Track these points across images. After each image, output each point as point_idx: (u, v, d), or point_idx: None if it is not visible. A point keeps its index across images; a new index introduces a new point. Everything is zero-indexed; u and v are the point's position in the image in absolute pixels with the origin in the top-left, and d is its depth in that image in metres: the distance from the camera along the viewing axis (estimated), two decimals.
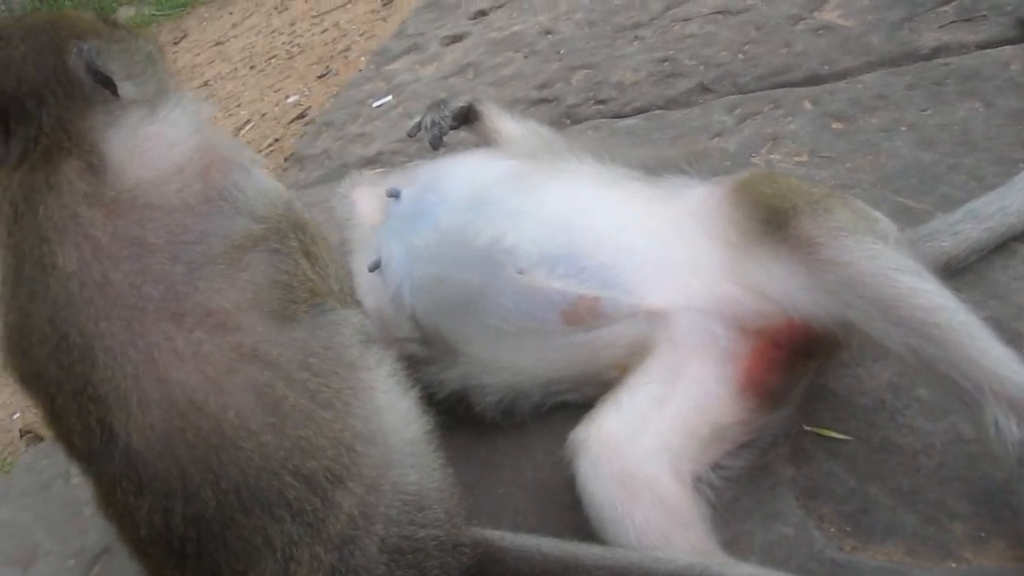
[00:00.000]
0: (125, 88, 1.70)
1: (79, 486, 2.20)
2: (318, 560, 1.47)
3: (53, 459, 2.41)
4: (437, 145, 2.28)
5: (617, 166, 1.94)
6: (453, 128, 2.34)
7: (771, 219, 1.60)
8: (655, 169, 1.91)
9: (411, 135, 2.38)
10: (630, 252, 1.73)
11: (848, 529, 1.48)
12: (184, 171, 1.60)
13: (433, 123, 2.29)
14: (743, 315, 1.61)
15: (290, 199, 1.77)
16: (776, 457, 1.63)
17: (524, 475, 1.78)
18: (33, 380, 1.52)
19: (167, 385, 1.43)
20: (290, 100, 5.46)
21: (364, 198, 2.27)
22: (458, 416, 1.84)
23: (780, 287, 1.57)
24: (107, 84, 1.66)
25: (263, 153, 4.02)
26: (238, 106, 5.82)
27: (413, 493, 1.56)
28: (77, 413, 1.48)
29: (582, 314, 1.70)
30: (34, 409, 1.60)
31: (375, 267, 2.04)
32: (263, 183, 1.71)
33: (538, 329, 1.74)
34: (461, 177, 2.00)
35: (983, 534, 1.40)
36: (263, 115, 5.41)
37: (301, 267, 1.67)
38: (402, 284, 1.95)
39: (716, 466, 1.58)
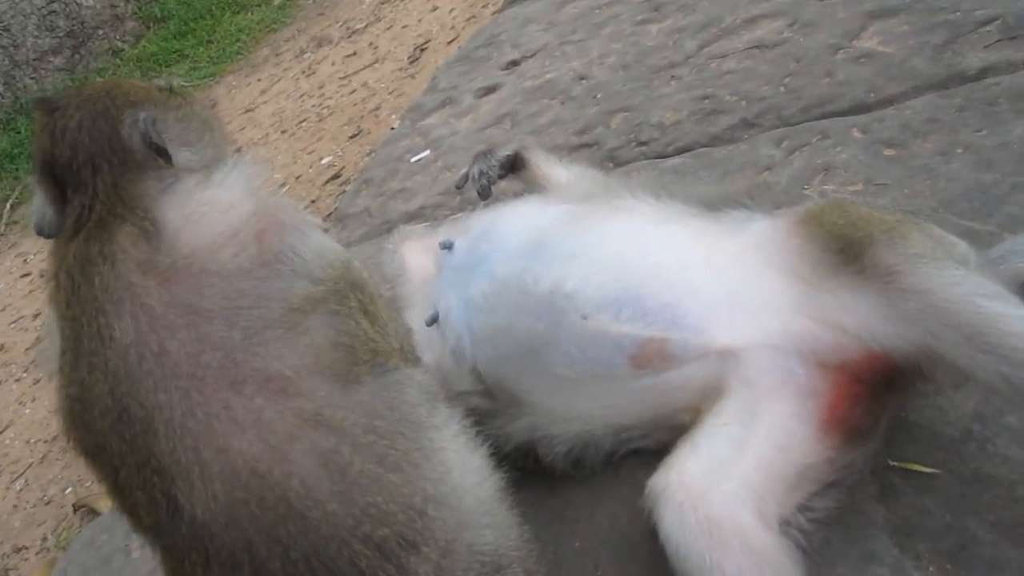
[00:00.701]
0: (180, 155, 1.70)
1: (140, 560, 2.17)
2: None
3: (111, 534, 2.38)
4: (486, 195, 2.25)
5: (674, 203, 1.90)
6: (501, 177, 2.31)
7: (846, 249, 1.55)
8: (714, 205, 1.86)
9: (459, 187, 2.36)
10: (696, 290, 1.68)
11: (948, 567, 1.42)
12: (239, 235, 1.58)
13: (481, 173, 2.26)
14: (820, 350, 1.55)
15: (348, 259, 1.74)
16: (864, 496, 1.56)
17: (600, 527, 1.73)
18: (96, 453, 1.50)
19: (228, 455, 1.40)
20: (323, 162, 5.49)
21: (414, 252, 2.24)
22: (526, 469, 1.79)
23: (859, 319, 1.52)
24: (161, 153, 1.66)
25: (327, 222, 4.01)
26: (272, 170, 5.85)
27: (490, 554, 1.51)
28: (142, 486, 1.46)
29: (651, 357, 1.65)
30: (87, 483, 1.57)
31: (432, 321, 2.00)
32: (320, 244, 1.69)
33: (606, 375, 1.69)
34: (514, 224, 1.97)
35: None
36: (297, 177, 5.43)
37: (362, 327, 1.64)
38: (462, 336, 1.91)
39: (803, 508, 1.52)
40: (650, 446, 1.69)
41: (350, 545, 1.41)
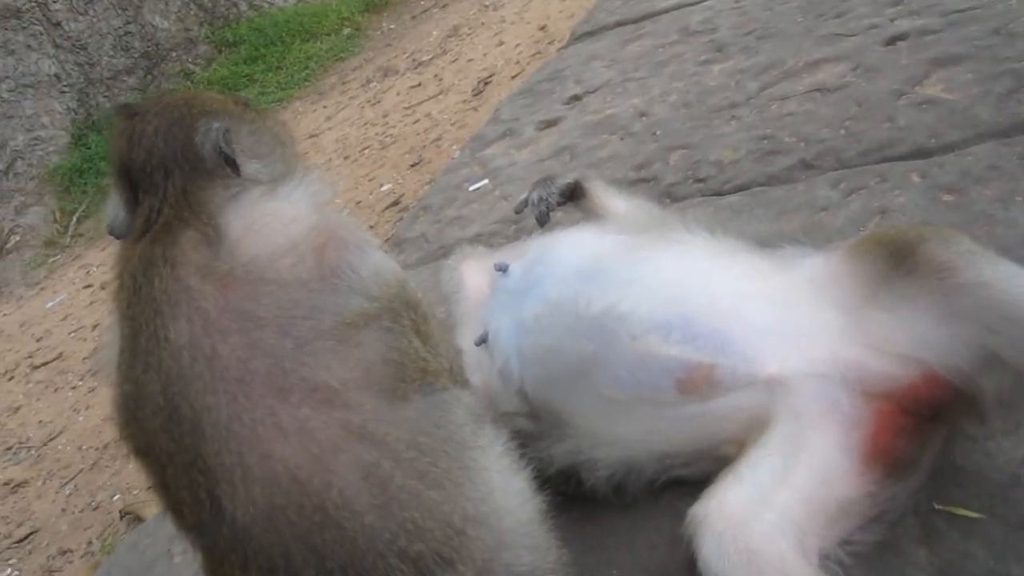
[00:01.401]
0: (248, 166, 1.76)
1: (182, 564, 2.20)
2: None
3: (155, 538, 2.42)
4: (544, 221, 2.26)
5: (729, 239, 1.91)
6: (560, 205, 2.32)
7: (897, 252, 1.57)
8: (769, 241, 1.87)
9: (518, 211, 2.38)
10: (747, 319, 1.69)
11: None
12: (299, 248, 1.62)
13: (540, 199, 2.27)
14: (867, 378, 1.55)
15: (404, 279, 1.77)
16: (907, 538, 1.55)
17: (639, 556, 1.72)
18: (146, 451, 1.54)
19: (271, 461, 1.43)
20: (384, 188, 5.56)
21: (471, 273, 2.27)
22: (568, 494, 1.80)
23: (910, 332, 1.53)
24: (230, 162, 1.71)
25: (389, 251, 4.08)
26: (334, 194, 5.92)
27: (526, 575, 1.51)
28: (188, 485, 1.48)
29: (698, 383, 1.66)
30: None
31: (482, 341, 2.03)
32: (378, 263, 1.72)
33: (652, 399, 1.70)
34: (570, 250, 1.98)
35: None
36: (358, 203, 5.51)
37: (413, 346, 1.66)
38: (510, 357, 1.93)
39: (843, 542, 1.51)
40: (693, 476, 1.69)
41: (386, 559, 1.43)
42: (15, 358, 5.86)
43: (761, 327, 1.68)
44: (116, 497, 3.58)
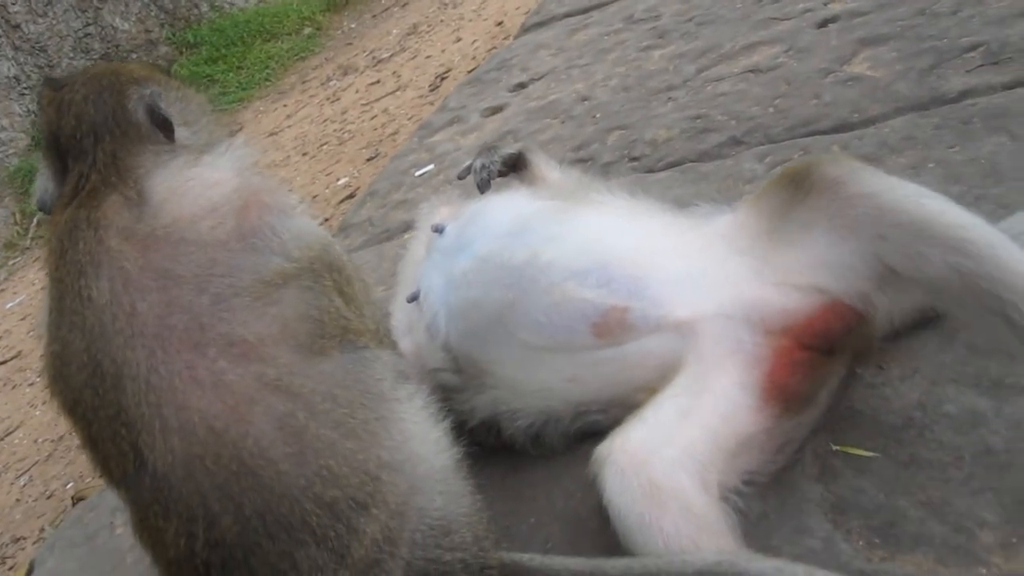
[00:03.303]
0: (180, 133, 1.79)
1: (122, 536, 2.24)
2: None
3: (98, 512, 2.46)
4: (484, 189, 2.31)
5: (650, 201, 1.98)
6: (502, 174, 2.36)
7: (793, 181, 1.66)
8: (687, 203, 1.95)
9: (460, 178, 2.43)
10: (660, 267, 1.77)
11: (876, 541, 1.47)
12: (220, 210, 1.66)
13: (483, 167, 2.32)
14: (768, 315, 1.63)
15: (328, 242, 1.82)
16: (804, 477, 1.62)
17: (555, 504, 1.79)
18: (73, 407, 1.59)
19: (188, 412, 1.47)
20: (340, 182, 5.60)
21: (421, 234, 2.31)
22: (490, 448, 1.87)
23: (811, 257, 1.62)
24: (165, 127, 1.75)
25: (336, 235, 4.12)
26: (290, 190, 5.94)
27: (439, 518, 1.57)
28: (112, 439, 1.53)
29: (612, 326, 1.72)
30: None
31: (413, 298, 2.10)
32: (300, 225, 1.77)
33: (569, 343, 1.76)
34: (502, 211, 2.05)
35: (1014, 540, 1.38)
36: (314, 197, 5.55)
37: (335, 304, 1.71)
38: (438, 312, 1.99)
39: (744, 478, 1.58)
40: (608, 425, 1.73)
41: (301, 504, 1.48)
42: None
43: (673, 275, 1.75)
44: (69, 485, 3.61)
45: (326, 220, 5.02)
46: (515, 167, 2.35)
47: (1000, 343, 1.49)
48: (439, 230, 2.13)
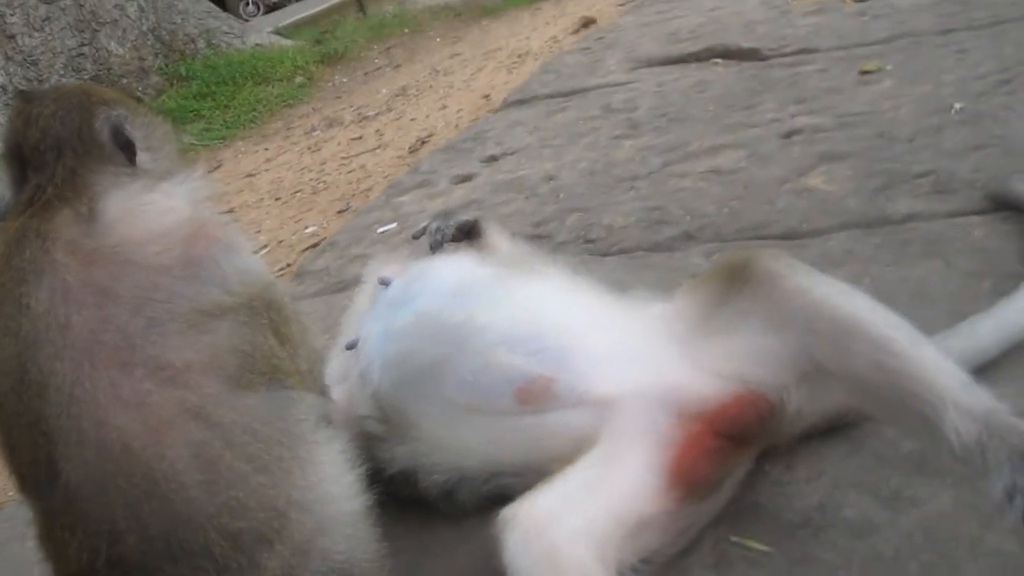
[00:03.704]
0: (141, 157, 1.84)
1: (32, 548, 2.22)
2: None
3: (12, 524, 2.44)
4: (436, 250, 2.35)
5: (591, 280, 2.05)
6: (455, 239, 2.40)
7: (732, 271, 1.74)
8: (627, 288, 2.01)
9: (415, 237, 2.48)
10: (591, 344, 1.83)
11: None
12: (169, 237, 1.70)
13: (437, 229, 2.37)
14: (684, 400, 1.69)
15: (270, 282, 1.86)
16: (700, 563, 1.67)
17: (459, 563, 1.83)
18: None
19: (106, 428, 1.49)
20: (308, 231, 5.63)
21: (368, 287, 2.35)
22: (405, 499, 1.91)
23: (738, 346, 1.69)
24: (127, 149, 1.80)
25: (291, 281, 4.15)
26: (258, 232, 6.00)
27: (342, 561, 1.59)
28: (29, 446, 1.55)
29: (536, 394, 1.77)
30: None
31: (352, 346, 2.14)
32: (246, 263, 1.81)
33: (492, 405, 1.81)
34: (448, 272, 2.11)
35: None
36: (280, 242, 5.58)
37: (268, 343, 1.74)
38: (373, 361, 2.03)
39: (641, 556, 1.61)
40: (520, 490, 1.74)
41: (207, 532, 1.50)
42: None
43: (602, 352, 1.81)
44: None
45: (288, 266, 5.04)
46: (469, 234, 2.41)
47: (917, 439, 1.58)
48: (385, 283, 2.18)
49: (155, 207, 1.75)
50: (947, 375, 1.51)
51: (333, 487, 1.66)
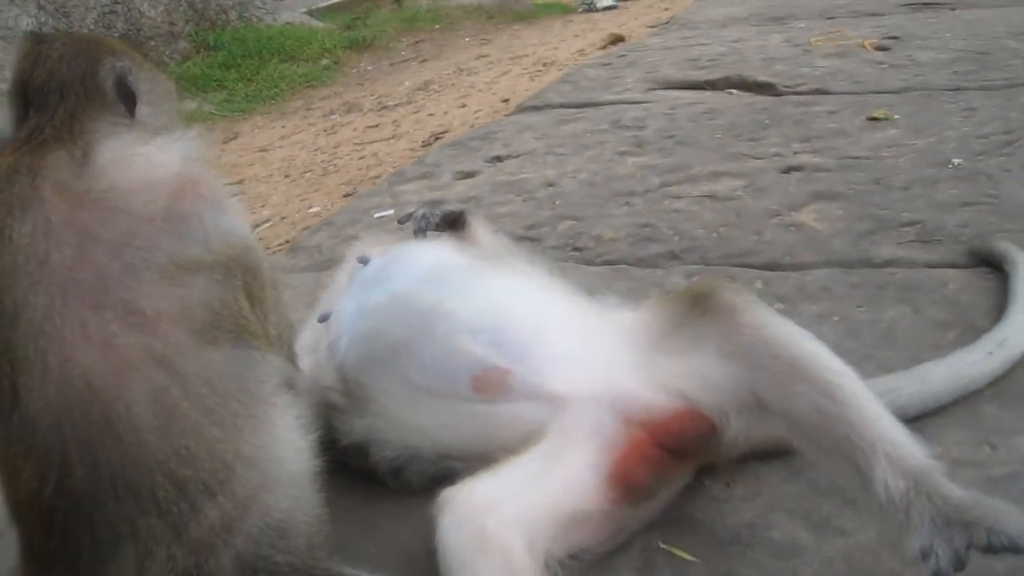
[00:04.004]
0: (141, 109, 1.90)
1: None
2: (174, 560, 1.55)
3: None
4: (419, 237, 2.39)
5: (565, 282, 2.10)
6: (439, 228, 2.42)
7: (695, 298, 1.79)
8: (596, 293, 2.06)
9: (400, 222, 2.53)
10: (552, 342, 1.88)
11: None
12: (156, 188, 1.75)
13: (423, 216, 2.41)
14: (632, 407, 1.74)
15: (251, 246, 1.91)
16: (626, 565, 1.72)
17: (398, 539, 1.87)
18: None
19: (71, 364, 1.55)
20: (312, 210, 5.68)
21: (349, 264, 2.40)
22: (357, 472, 1.98)
23: (690, 367, 1.74)
24: (128, 100, 1.86)
25: (272, 251, 4.21)
26: (263, 206, 6.06)
27: (280, 520, 1.64)
28: None
29: (492, 384, 1.83)
30: None
31: (324, 318, 2.20)
32: (229, 224, 1.85)
33: (448, 391, 1.86)
34: (426, 257, 2.17)
35: None
36: (283, 218, 5.64)
37: (238, 304, 1.79)
38: (342, 335, 2.09)
39: (570, 551, 1.66)
40: (465, 474, 1.80)
41: (154, 475, 1.55)
42: None
43: (561, 351, 1.86)
44: None
45: (287, 242, 5.10)
46: (454, 224, 2.45)
47: (844, 483, 1.61)
48: (364, 262, 2.24)
49: (147, 159, 1.80)
50: (884, 427, 1.56)
51: (283, 449, 1.71)
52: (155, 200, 1.74)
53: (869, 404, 1.59)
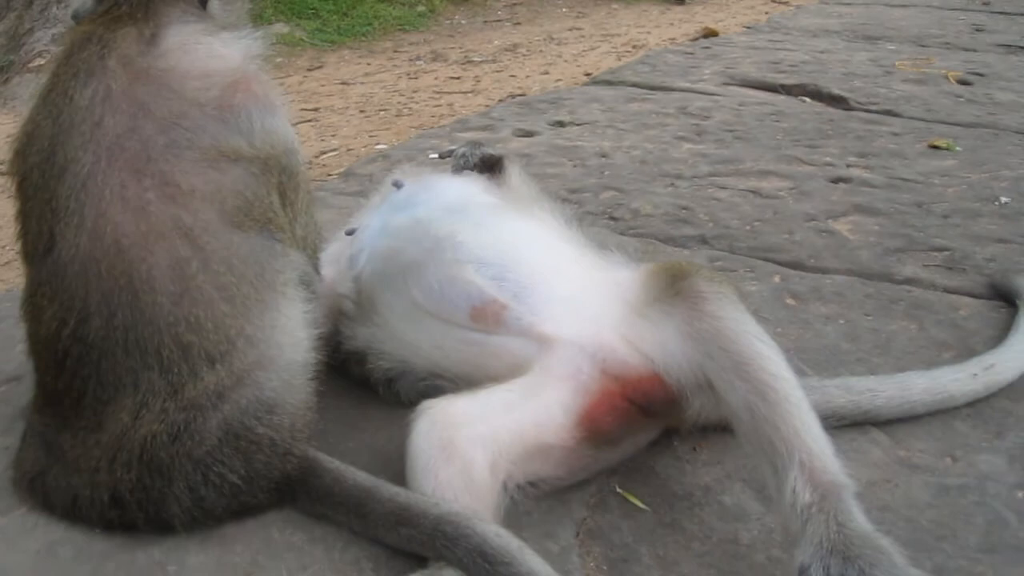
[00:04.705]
0: (212, 5, 2.03)
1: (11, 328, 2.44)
2: (166, 413, 1.70)
3: None
4: (456, 173, 2.50)
5: (578, 234, 2.19)
6: (476, 168, 2.51)
7: (672, 280, 1.88)
8: (606, 248, 2.15)
9: (442, 156, 2.63)
10: (551, 286, 1.98)
11: (604, 568, 1.67)
12: (212, 78, 1.88)
13: (463, 155, 2.51)
14: (610, 360, 1.84)
15: (292, 149, 2.02)
16: (580, 501, 1.83)
17: (376, 441, 2.01)
18: (21, 181, 1.83)
19: (104, 221, 1.70)
20: (378, 147, 5.82)
21: (384, 187, 2.52)
22: (354, 378, 2.14)
23: (660, 338, 1.83)
24: None
25: (331, 178, 4.34)
26: (333, 136, 6.21)
27: (269, 398, 1.78)
28: (38, 217, 1.77)
29: (488, 315, 1.94)
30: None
31: (351, 232, 2.35)
32: (276, 124, 1.97)
33: (448, 315, 1.98)
34: (453, 190, 2.29)
35: None
36: (349, 150, 5.78)
37: (270, 198, 1.92)
38: (364, 249, 2.22)
39: (530, 478, 1.79)
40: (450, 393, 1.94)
41: (162, 335, 1.69)
42: None
43: (558, 296, 1.96)
44: None
45: (346, 168, 5.26)
46: (492, 168, 2.55)
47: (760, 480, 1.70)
48: (398, 186, 2.35)
49: (209, 49, 1.93)
50: (807, 436, 1.63)
51: (284, 336, 1.84)
52: (209, 88, 1.87)
53: (798, 412, 1.66)
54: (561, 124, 4.45)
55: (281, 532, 1.76)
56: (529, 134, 4.31)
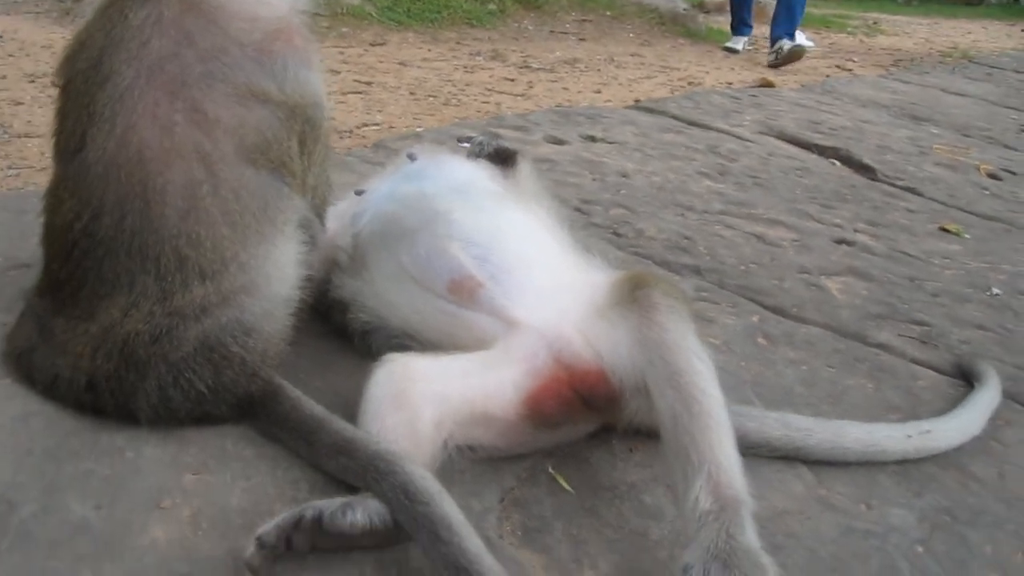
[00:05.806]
0: None
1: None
2: (152, 316, 1.85)
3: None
4: (470, 158, 2.64)
5: (566, 234, 2.34)
6: (490, 158, 2.62)
7: (633, 288, 2.01)
8: (590, 249, 2.30)
9: (459, 141, 2.78)
10: (530, 275, 2.13)
11: (518, 533, 1.81)
12: (256, 23, 2.03)
13: (480, 143, 2.65)
14: (566, 351, 1.98)
15: (320, 104, 2.17)
16: (512, 474, 1.97)
17: (340, 386, 2.14)
18: (66, 83, 1.99)
19: (132, 132, 1.85)
20: (419, 130, 5.98)
21: (400, 159, 2.68)
22: (333, 331, 2.29)
23: (612, 338, 1.97)
24: None
25: (369, 148, 4.48)
26: (379, 111, 6.37)
27: (249, 321, 1.92)
28: (74, 119, 1.93)
29: (464, 290, 2.09)
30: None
31: (360, 192, 2.54)
32: (309, 77, 2.13)
33: (428, 284, 2.14)
34: (461, 172, 2.45)
35: None
36: (391, 127, 5.95)
37: (289, 144, 2.07)
38: (368, 210, 2.39)
39: (471, 443, 1.94)
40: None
41: (164, 245, 1.84)
42: None
43: (532, 286, 2.11)
44: None
45: (381, 141, 5.42)
46: (505, 160, 2.69)
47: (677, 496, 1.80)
48: (412, 158, 2.51)
49: None
50: (720, 451, 1.74)
51: (274, 269, 1.99)
52: (252, 31, 2.02)
53: (716, 428, 1.77)
54: (592, 139, 4.59)
55: (235, 445, 1.90)
56: (560, 142, 4.46)
